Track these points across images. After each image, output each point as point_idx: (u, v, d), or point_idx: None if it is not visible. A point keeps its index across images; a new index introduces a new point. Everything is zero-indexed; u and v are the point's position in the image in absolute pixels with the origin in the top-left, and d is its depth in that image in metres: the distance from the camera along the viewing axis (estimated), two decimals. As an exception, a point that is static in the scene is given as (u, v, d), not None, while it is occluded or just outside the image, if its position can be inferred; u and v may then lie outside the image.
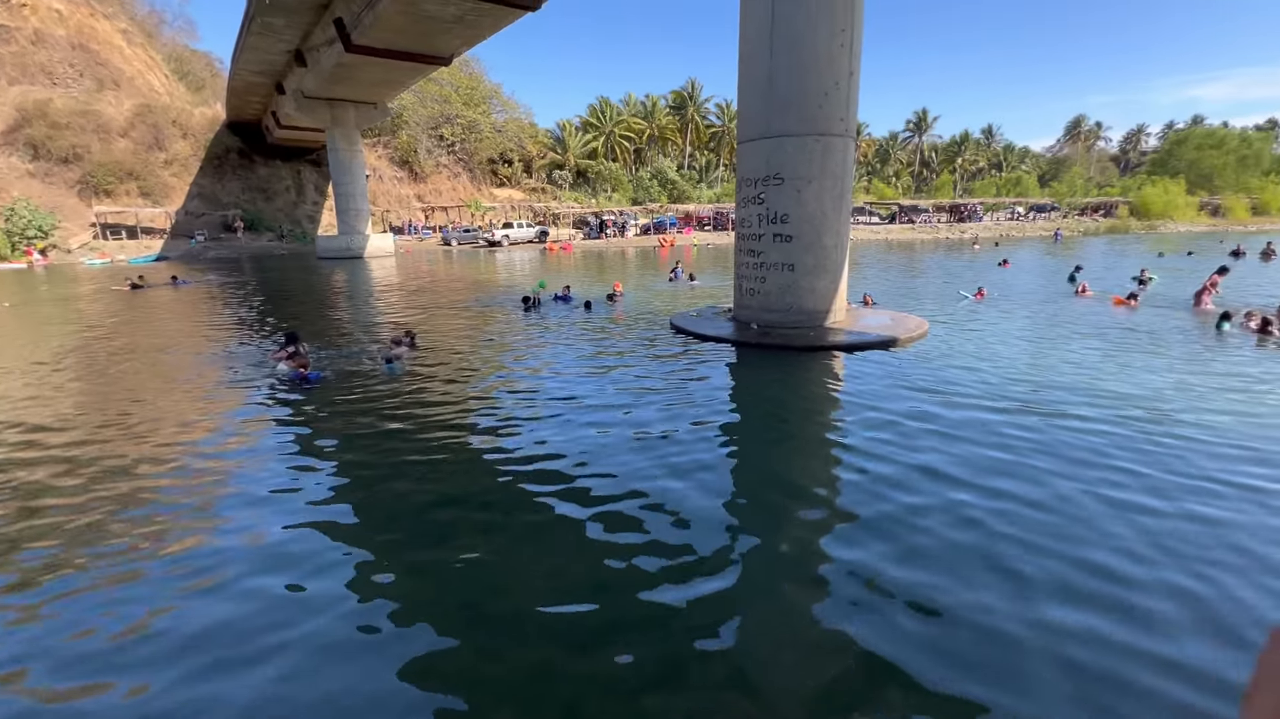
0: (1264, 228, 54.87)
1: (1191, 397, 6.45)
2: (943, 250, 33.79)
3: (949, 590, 3.22)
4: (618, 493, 4.43)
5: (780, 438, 5.75)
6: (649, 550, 3.70)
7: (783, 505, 4.32)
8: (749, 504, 4.35)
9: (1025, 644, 2.83)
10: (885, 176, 78.36)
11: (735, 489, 4.54)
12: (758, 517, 4.15)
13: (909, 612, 3.08)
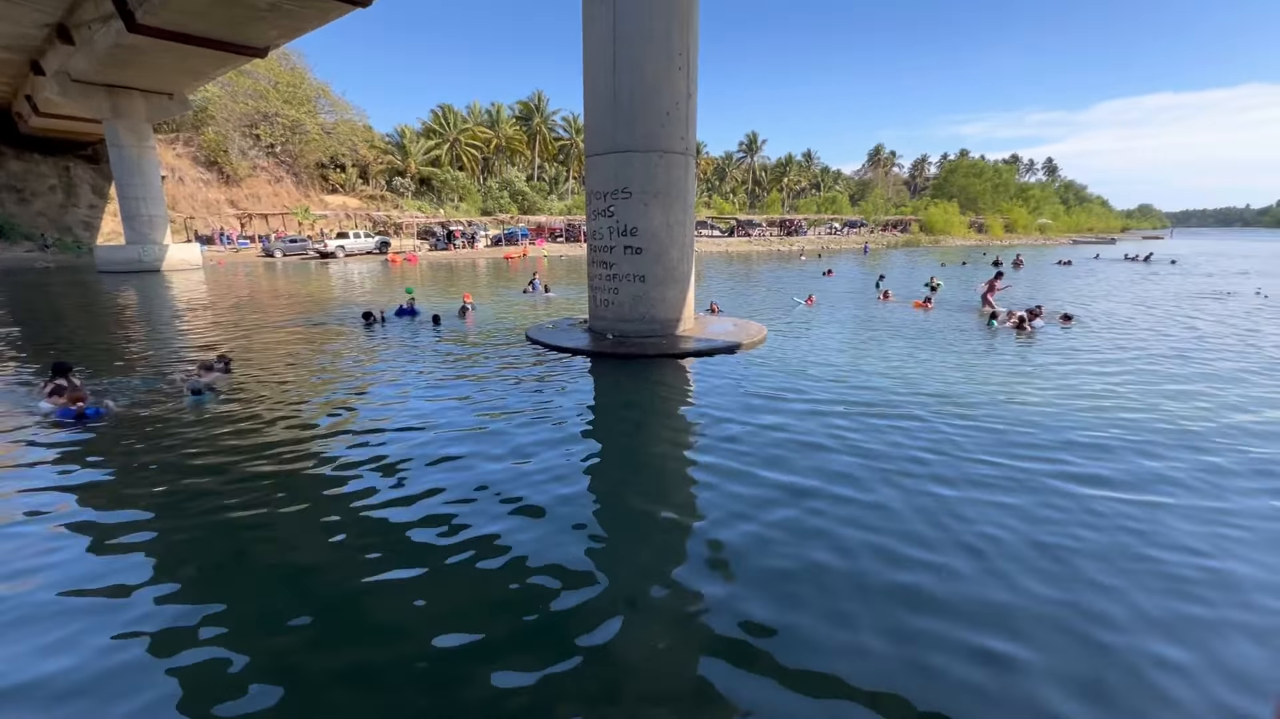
0: (1014, 242, 67.66)
1: (976, 385, 7.70)
2: (776, 261, 37.06)
3: (796, 598, 3.41)
4: (482, 525, 4.24)
5: (640, 449, 5.87)
6: (517, 590, 3.58)
7: (645, 520, 4.41)
8: (615, 525, 4.38)
9: (860, 622, 3.16)
10: (723, 193, 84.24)
11: (600, 510, 4.53)
12: (623, 532, 4.21)
13: (760, 612, 3.30)
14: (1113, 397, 7.09)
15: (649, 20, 9.50)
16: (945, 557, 3.68)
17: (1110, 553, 3.75)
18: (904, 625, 3.07)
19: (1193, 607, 3.26)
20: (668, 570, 3.63)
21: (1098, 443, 5.58)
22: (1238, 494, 4.57)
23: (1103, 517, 4.21)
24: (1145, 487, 4.69)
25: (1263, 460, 5.19)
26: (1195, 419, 6.26)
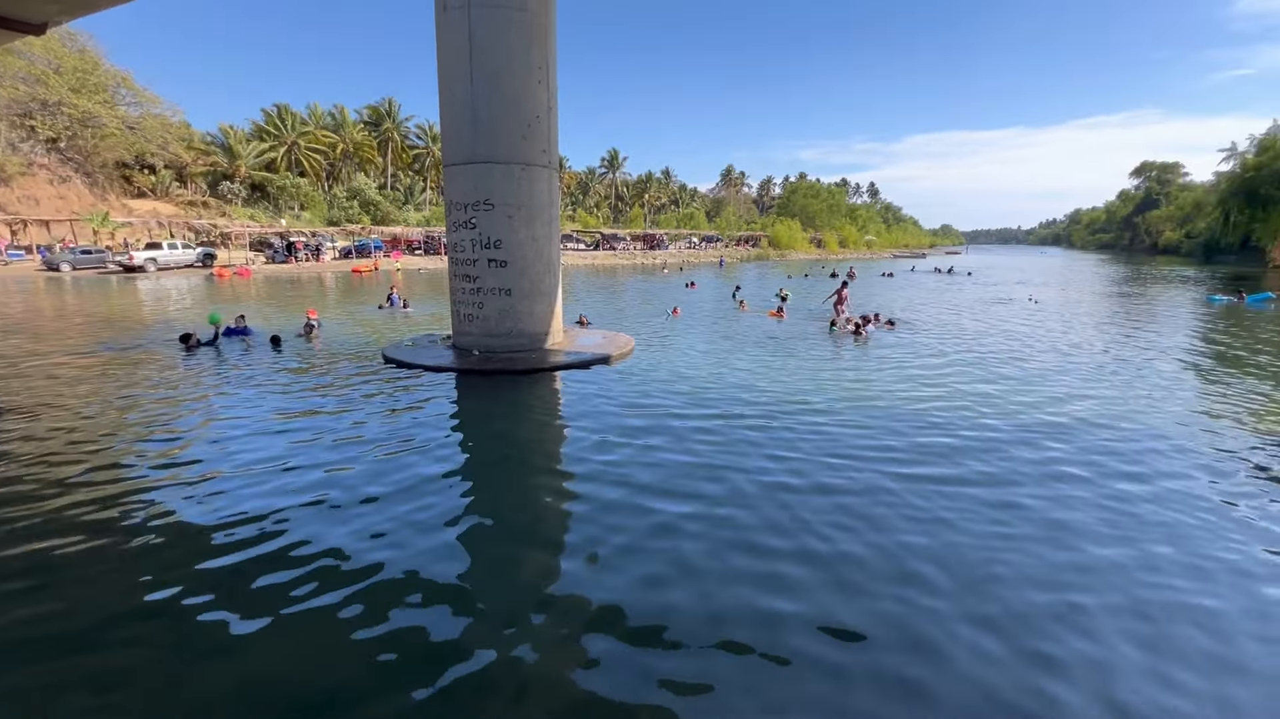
0: (847, 256, 75.69)
1: (824, 387, 8.46)
2: (641, 274, 38.15)
3: (670, 608, 3.47)
4: (342, 566, 3.87)
5: (512, 469, 5.72)
6: (384, 633, 3.31)
7: (519, 543, 4.30)
8: (487, 550, 4.23)
9: (701, 637, 3.22)
10: (587, 207, 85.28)
11: (471, 537, 4.35)
12: (496, 557, 4.07)
13: (635, 622, 3.35)
14: (937, 388, 8.16)
15: (506, 33, 9.41)
16: (798, 563, 3.92)
17: (935, 544, 4.24)
18: (763, 629, 3.23)
19: (1012, 594, 3.83)
20: (542, 593, 3.57)
21: (929, 437, 6.37)
22: (1032, 481, 5.46)
23: (925, 509, 4.71)
24: (971, 478, 5.43)
25: (1073, 447, 6.26)
26: (1007, 410, 7.39)
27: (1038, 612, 3.33)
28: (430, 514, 4.48)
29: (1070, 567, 3.79)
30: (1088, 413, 7.10)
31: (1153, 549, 4.03)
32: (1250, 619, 3.29)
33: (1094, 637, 3.12)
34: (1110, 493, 4.88)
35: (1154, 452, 5.84)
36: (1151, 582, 3.66)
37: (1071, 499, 4.77)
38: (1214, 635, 3.15)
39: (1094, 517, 4.47)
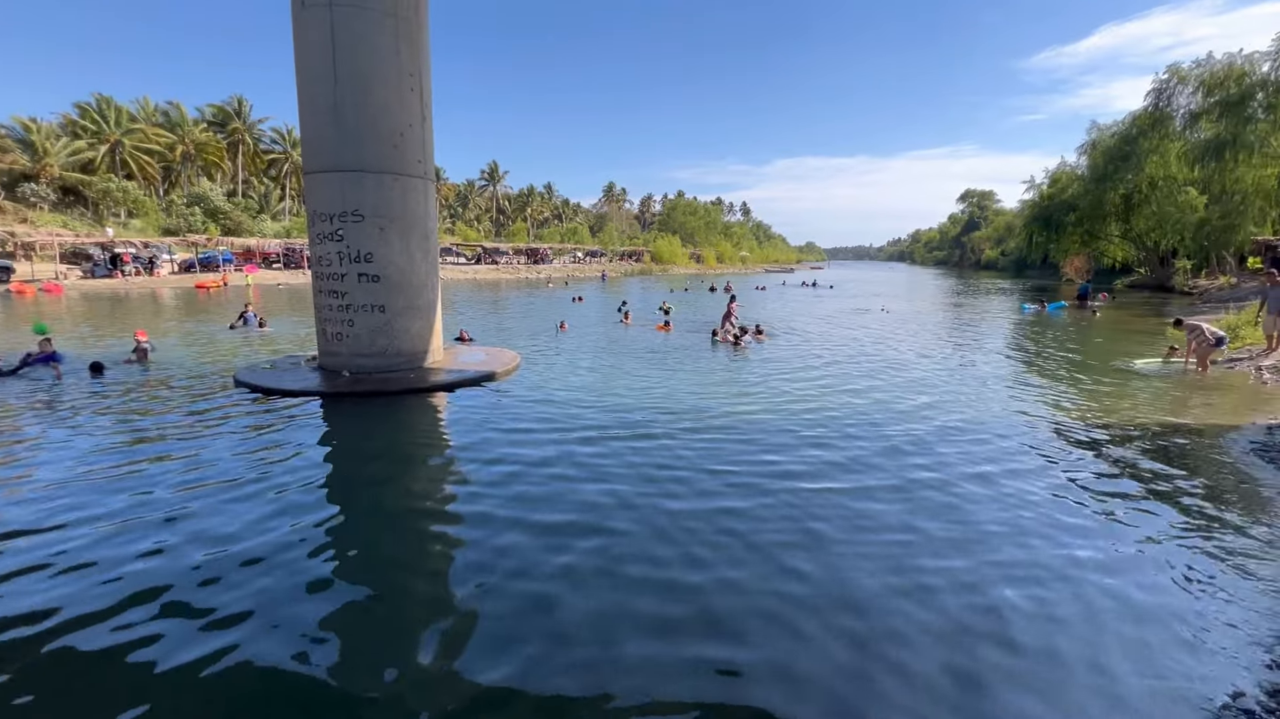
0: (724, 271, 79.52)
1: (710, 400, 8.76)
2: (524, 289, 37.57)
3: (565, 637, 3.36)
4: (199, 627, 3.37)
5: (390, 500, 5.32)
6: (246, 699, 2.92)
7: (398, 584, 3.99)
8: (363, 595, 3.89)
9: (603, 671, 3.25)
10: (468, 220, 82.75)
11: (346, 582, 3.98)
12: (374, 603, 3.75)
13: (530, 650, 3.24)
14: (812, 398, 8.75)
15: (375, 36, 8.92)
16: (687, 571, 3.94)
17: (814, 543, 4.35)
18: (656, 641, 3.24)
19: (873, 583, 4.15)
20: (427, 628, 3.34)
21: (804, 440, 6.78)
22: (908, 468, 6.00)
23: (806, 509, 4.92)
24: (841, 476, 5.85)
25: (926, 444, 6.91)
26: (873, 411, 8.06)
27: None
28: (296, 554, 4.04)
29: (915, 569, 4.19)
30: (938, 411, 7.95)
31: (1010, 550, 4.57)
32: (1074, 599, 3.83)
33: (942, 612, 3.46)
34: (960, 490, 5.48)
35: (991, 440, 6.64)
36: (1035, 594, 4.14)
37: (925, 499, 5.29)
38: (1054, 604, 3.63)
39: (940, 515, 5.00)
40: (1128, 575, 3.86)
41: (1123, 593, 3.65)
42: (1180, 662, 3.01)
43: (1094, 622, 3.35)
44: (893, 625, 3.29)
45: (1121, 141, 39.05)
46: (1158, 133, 36.85)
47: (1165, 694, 2.79)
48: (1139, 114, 38.30)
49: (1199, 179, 35.25)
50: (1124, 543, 4.31)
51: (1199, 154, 34.06)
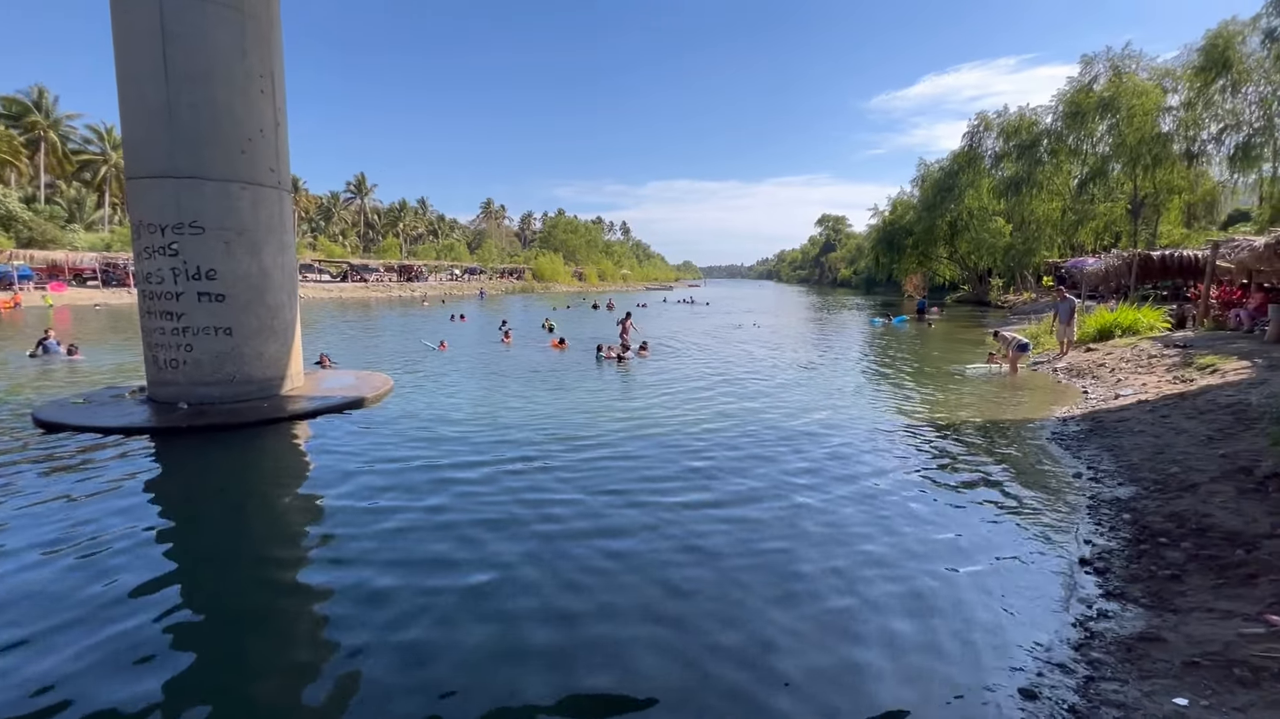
0: (606, 288, 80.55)
1: (596, 420, 8.75)
2: (397, 307, 35.51)
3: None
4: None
5: (238, 550, 4.75)
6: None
7: (248, 643, 3.57)
8: (210, 667, 3.43)
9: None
10: (332, 235, 76.87)
11: (186, 647, 3.49)
12: (217, 682, 3.32)
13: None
14: (693, 411, 9.05)
15: (216, 32, 8.09)
16: (572, 601, 3.78)
17: (698, 562, 4.35)
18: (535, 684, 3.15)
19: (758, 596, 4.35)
20: (291, 693, 3.01)
21: (687, 455, 6.98)
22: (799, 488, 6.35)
23: (689, 527, 4.94)
24: (721, 490, 6.08)
25: (813, 455, 7.35)
26: (749, 422, 8.47)
27: (780, 593, 3.87)
28: (117, 625, 3.47)
29: (793, 575, 4.49)
30: (807, 420, 8.57)
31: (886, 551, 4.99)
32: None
33: (816, 616, 3.72)
34: (830, 493, 5.93)
35: (853, 442, 7.27)
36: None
37: (803, 506, 5.67)
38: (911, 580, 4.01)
39: (815, 516, 5.38)
40: (972, 555, 4.38)
41: (972, 572, 4.13)
42: (998, 619, 3.46)
43: (959, 604, 3.77)
44: (770, 636, 3.45)
45: (945, 176, 45.07)
46: (972, 169, 43.03)
47: (995, 647, 3.20)
48: (957, 153, 44.51)
49: (1005, 210, 41.56)
50: (965, 526, 4.89)
51: (1003, 189, 40.35)
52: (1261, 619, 3.12)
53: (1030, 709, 2.76)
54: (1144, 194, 32.66)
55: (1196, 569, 3.86)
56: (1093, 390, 9.98)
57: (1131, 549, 4.31)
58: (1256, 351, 9.64)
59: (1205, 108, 28.20)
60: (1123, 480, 5.74)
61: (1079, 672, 2.97)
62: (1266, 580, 3.55)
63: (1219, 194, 34.32)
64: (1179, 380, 8.92)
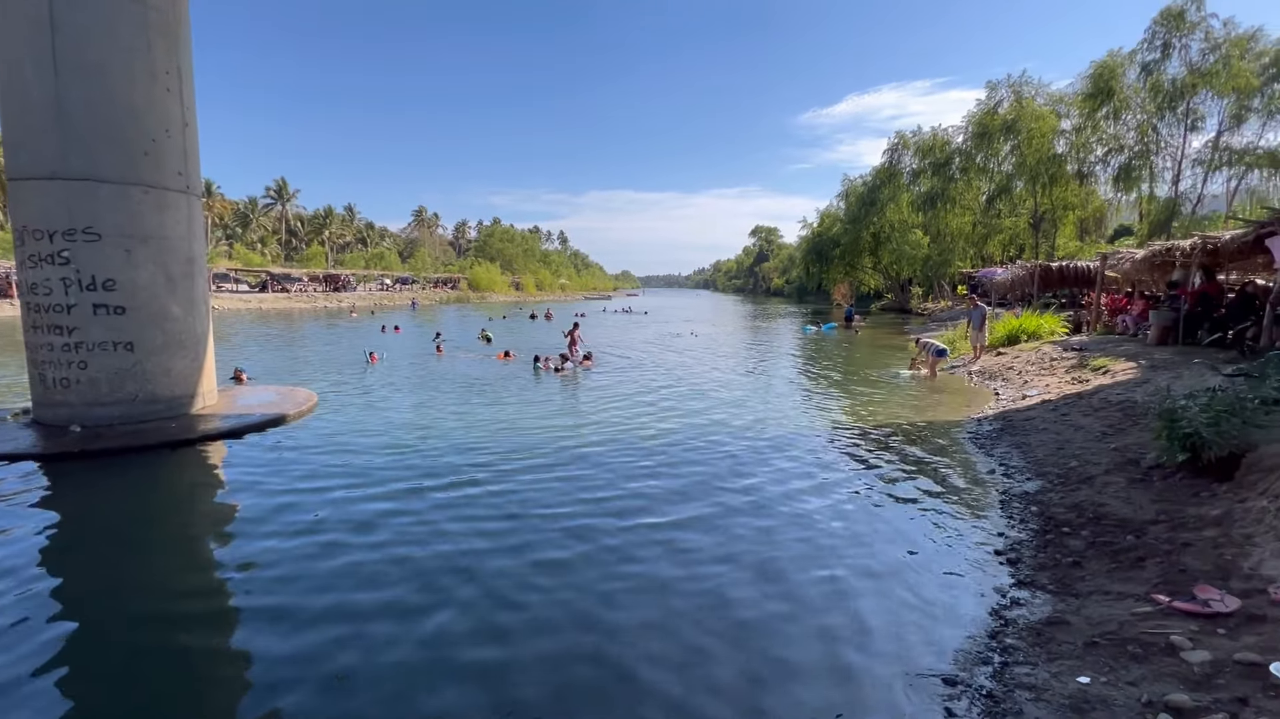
0: (544, 298, 79.84)
1: (537, 435, 8.60)
2: (323, 319, 33.87)
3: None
4: None
5: (132, 590, 4.38)
6: None
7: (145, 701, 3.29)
8: None
9: None
10: (250, 243, 72.53)
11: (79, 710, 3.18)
12: None
13: None
14: (633, 421, 9.05)
15: (113, 21, 7.51)
16: (510, 642, 3.51)
17: (635, 588, 4.19)
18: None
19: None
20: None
21: (627, 471, 6.95)
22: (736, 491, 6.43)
23: (625, 552, 4.78)
24: (660, 508, 6.10)
25: (756, 463, 7.47)
26: (687, 432, 8.55)
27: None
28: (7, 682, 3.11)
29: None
30: (744, 426, 8.75)
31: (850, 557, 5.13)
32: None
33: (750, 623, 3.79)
34: (763, 494, 6.06)
35: (787, 447, 7.48)
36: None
37: (737, 515, 5.77)
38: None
39: (750, 513, 5.50)
40: (897, 552, 4.58)
41: (897, 569, 4.32)
42: (921, 612, 3.64)
43: (882, 595, 3.92)
44: (700, 643, 3.49)
45: (868, 190, 47.51)
46: (893, 185, 45.55)
47: (919, 639, 3.36)
48: (879, 169, 47.02)
49: (923, 223, 44.17)
50: (890, 524, 5.12)
51: (921, 203, 42.94)
52: (1150, 599, 3.41)
53: (952, 696, 2.90)
54: (1043, 210, 35.50)
55: (1094, 555, 4.20)
56: (1003, 392, 10.70)
57: (1039, 539, 4.64)
58: (1141, 353, 10.63)
59: (1093, 132, 30.97)
60: (1030, 475, 6.17)
61: (994, 659, 3.16)
62: (1153, 563, 3.89)
63: (1106, 210, 37.73)
64: (1076, 381, 9.71)
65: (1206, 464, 4.84)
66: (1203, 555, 3.82)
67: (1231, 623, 3.02)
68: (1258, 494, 4.23)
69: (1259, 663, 2.61)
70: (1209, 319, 10.94)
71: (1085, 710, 2.56)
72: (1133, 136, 29.41)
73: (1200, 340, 10.85)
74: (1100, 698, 2.62)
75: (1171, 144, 28.69)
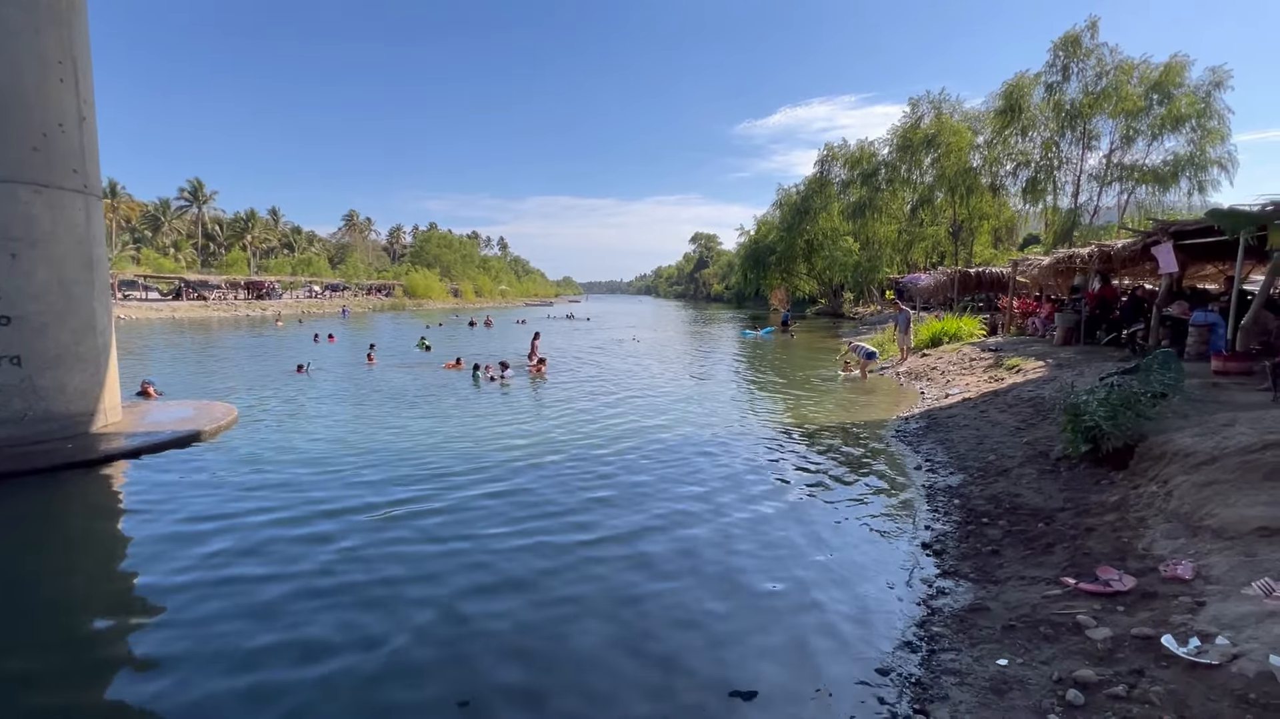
0: (484, 305, 78.25)
1: (461, 449, 8.37)
2: (246, 328, 31.95)
3: None
4: None
5: (16, 636, 3.99)
6: None
7: None
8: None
9: None
10: (161, 247, 67.65)
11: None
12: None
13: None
14: (574, 431, 8.97)
15: (-7, 6, 6.85)
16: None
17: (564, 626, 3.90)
18: None
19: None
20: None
21: (591, 490, 6.71)
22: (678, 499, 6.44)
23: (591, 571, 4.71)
24: (603, 524, 6.06)
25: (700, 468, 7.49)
26: (623, 440, 8.53)
27: (660, 603, 3.92)
28: None
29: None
30: (689, 430, 8.83)
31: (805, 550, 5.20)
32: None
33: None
34: (719, 500, 6.13)
35: (727, 450, 7.61)
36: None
37: (690, 524, 5.81)
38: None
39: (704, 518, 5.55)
40: (832, 548, 4.72)
41: (832, 565, 4.45)
42: (855, 605, 3.78)
43: (821, 586, 4.03)
44: (652, 649, 3.49)
45: (801, 199, 49.21)
46: (824, 194, 47.39)
47: (854, 632, 3.47)
48: (810, 179, 48.82)
49: (853, 230, 46.13)
50: (824, 522, 5.28)
51: (850, 212, 44.85)
52: (1059, 582, 3.66)
53: (884, 684, 3.02)
54: (961, 219, 37.80)
55: (1011, 543, 4.46)
56: (928, 391, 11.28)
57: (961, 530, 4.90)
58: (1048, 353, 11.44)
59: (1003, 147, 33.30)
60: (953, 470, 6.51)
61: (922, 647, 3.30)
62: (1061, 548, 4.18)
63: (1016, 220, 40.62)
64: (993, 379, 10.35)
65: (1106, 454, 5.25)
66: (1104, 539, 4.13)
67: (1129, 600, 3.28)
68: (1148, 480, 4.62)
69: (1153, 636, 2.84)
70: (1106, 321, 11.91)
71: (1004, 691, 2.72)
72: (1038, 152, 31.78)
73: (1099, 340, 11.80)
74: (1017, 678, 2.78)
75: (1072, 160, 31.20)
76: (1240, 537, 3.48)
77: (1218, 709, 2.30)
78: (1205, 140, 27.19)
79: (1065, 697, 2.55)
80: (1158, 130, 27.99)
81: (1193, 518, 3.84)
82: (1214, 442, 4.46)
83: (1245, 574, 3.12)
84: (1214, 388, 6.60)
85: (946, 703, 2.73)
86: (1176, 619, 2.94)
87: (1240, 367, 7.21)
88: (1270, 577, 2.99)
